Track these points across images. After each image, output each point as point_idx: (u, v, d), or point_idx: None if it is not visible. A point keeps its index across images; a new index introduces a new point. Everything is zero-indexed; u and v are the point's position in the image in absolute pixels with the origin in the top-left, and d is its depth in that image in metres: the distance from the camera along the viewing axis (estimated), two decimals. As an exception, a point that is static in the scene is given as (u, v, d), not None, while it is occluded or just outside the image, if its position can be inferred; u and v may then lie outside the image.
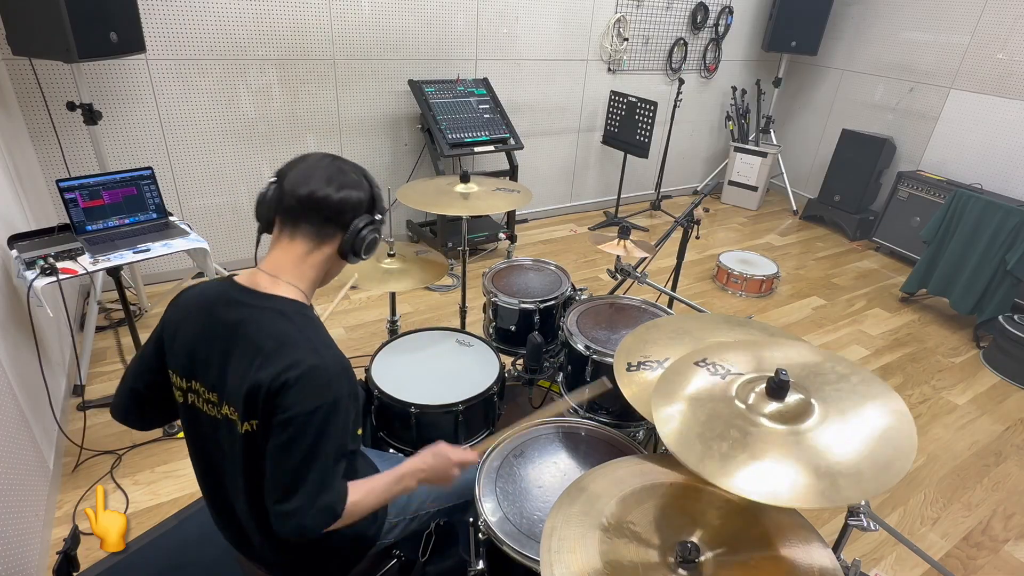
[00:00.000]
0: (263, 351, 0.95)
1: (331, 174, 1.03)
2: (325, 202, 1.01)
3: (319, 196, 1.00)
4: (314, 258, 1.04)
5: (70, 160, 2.78)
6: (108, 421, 2.27)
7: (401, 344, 1.88)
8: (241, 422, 0.97)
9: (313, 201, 1.00)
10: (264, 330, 0.97)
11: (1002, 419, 2.70)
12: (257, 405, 0.94)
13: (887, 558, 1.97)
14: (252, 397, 0.94)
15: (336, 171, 1.04)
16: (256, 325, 0.97)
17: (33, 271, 1.84)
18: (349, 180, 1.04)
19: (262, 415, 0.95)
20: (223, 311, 1.01)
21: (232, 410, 0.98)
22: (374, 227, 1.07)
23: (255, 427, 0.96)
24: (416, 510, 1.32)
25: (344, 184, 1.03)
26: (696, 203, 2.40)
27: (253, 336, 0.96)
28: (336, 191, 1.02)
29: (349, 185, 1.03)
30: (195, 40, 2.89)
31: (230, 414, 0.99)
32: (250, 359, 0.95)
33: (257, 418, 0.96)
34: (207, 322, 1.01)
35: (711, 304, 3.50)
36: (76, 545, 1.54)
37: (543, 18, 3.89)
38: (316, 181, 1.01)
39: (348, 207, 1.03)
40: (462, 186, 2.09)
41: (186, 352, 1.03)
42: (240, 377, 0.96)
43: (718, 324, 1.51)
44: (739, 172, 5.03)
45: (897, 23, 4.42)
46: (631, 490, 1.04)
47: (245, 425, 0.97)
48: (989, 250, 3.22)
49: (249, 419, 0.96)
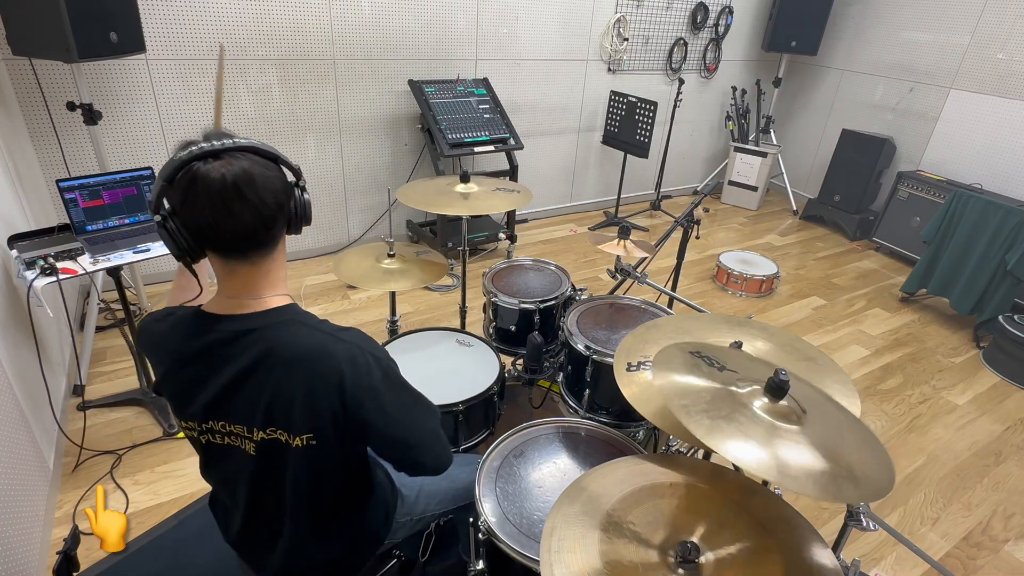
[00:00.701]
0: (297, 365, 0.93)
1: (223, 211, 0.85)
2: (241, 238, 0.89)
3: (237, 233, 0.88)
4: (279, 257, 0.98)
5: (70, 160, 2.78)
6: (108, 421, 2.27)
7: (401, 344, 1.88)
8: (294, 438, 0.96)
9: (233, 241, 0.89)
10: (294, 346, 0.94)
11: (1002, 419, 2.70)
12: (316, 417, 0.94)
13: (887, 558, 1.97)
14: (307, 412, 0.94)
15: (224, 205, 0.85)
16: (280, 345, 0.94)
17: (33, 271, 1.84)
18: (245, 203, 0.86)
19: (326, 422, 0.95)
20: (226, 351, 0.95)
21: (276, 431, 0.97)
22: (299, 193, 0.96)
23: (307, 441, 0.96)
24: (423, 511, 1.33)
25: (256, 193, 0.87)
26: (696, 203, 2.40)
27: (285, 356, 0.93)
28: (256, 212, 0.88)
29: (261, 189, 0.88)
30: (195, 40, 2.90)
31: (269, 435, 0.97)
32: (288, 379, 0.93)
33: (314, 431, 0.96)
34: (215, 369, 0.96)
35: (711, 304, 3.50)
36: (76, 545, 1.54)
37: (543, 18, 3.89)
38: (216, 224, 0.86)
39: (273, 207, 0.90)
40: (462, 186, 2.09)
41: (202, 404, 0.98)
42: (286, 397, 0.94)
43: (718, 324, 1.51)
44: (739, 172, 5.03)
45: (897, 23, 4.42)
46: (631, 490, 1.04)
47: (297, 440, 0.96)
48: (989, 250, 3.22)
49: (303, 434, 0.96)
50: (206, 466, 1.11)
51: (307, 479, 1.02)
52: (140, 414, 2.32)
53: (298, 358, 0.93)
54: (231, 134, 0.90)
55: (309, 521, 1.08)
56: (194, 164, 0.85)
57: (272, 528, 1.09)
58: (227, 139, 0.88)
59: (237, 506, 1.10)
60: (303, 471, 1.01)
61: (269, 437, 0.97)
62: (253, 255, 0.93)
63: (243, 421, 0.98)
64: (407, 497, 1.30)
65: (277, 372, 0.93)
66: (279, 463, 1.00)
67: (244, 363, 0.94)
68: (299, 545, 1.10)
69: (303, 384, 0.93)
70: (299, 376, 0.93)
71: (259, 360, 0.94)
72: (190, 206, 0.86)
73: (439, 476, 1.12)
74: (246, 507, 1.09)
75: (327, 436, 0.97)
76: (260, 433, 0.97)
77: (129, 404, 2.34)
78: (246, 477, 1.04)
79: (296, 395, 0.93)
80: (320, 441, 0.97)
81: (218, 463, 1.07)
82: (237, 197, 0.85)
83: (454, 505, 1.37)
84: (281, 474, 1.01)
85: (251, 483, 1.05)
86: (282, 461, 1.00)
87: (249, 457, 1.00)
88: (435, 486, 1.35)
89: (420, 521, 1.34)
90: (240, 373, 0.95)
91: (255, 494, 1.07)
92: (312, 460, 0.99)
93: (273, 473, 1.02)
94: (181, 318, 0.99)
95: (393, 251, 1.98)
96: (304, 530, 1.09)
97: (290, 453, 0.98)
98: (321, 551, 1.13)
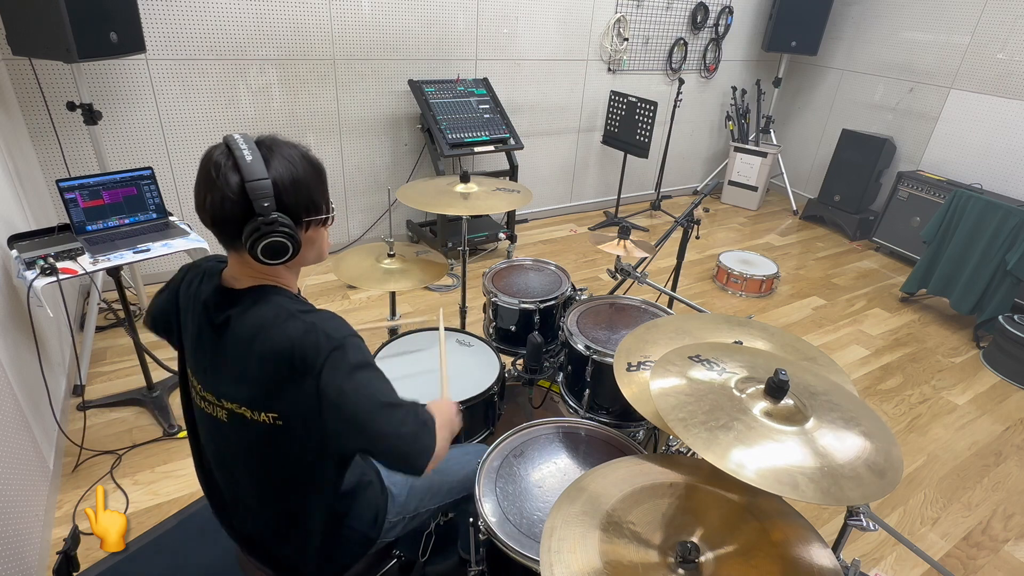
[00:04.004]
0: (255, 339, 0.95)
1: (202, 184, 0.93)
2: (208, 218, 0.94)
3: (205, 213, 0.94)
4: (254, 264, 0.98)
5: (70, 160, 2.78)
6: (108, 421, 2.27)
7: (401, 344, 1.88)
8: (255, 413, 0.98)
9: (204, 217, 0.94)
10: (248, 323, 0.97)
11: (1002, 419, 2.70)
12: (276, 394, 0.96)
13: (887, 558, 1.97)
14: (266, 388, 0.96)
15: (205, 178, 0.92)
16: (240, 321, 0.98)
17: (33, 271, 1.84)
18: (215, 187, 0.91)
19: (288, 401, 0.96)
20: (212, 313, 1.01)
21: (239, 406, 1.00)
22: (259, 232, 0.92)
23: (273, 420, 0.98)
24: (416, 508, 1.31)
25: (211, 194, 0.91)
26: (696, 203, 2.40)
27: (240, 333, 0.97)
28: (206, 205, 0.92)
29: (215, 194, 0.91)
30: (195, 40, 2.89)
31: (237, 409, 1.00)
32: (246, 352, 0.96)
33: (277, 409, 0.97)
34: (199, 323, 1.03)
35: (711, 304, 3.50)
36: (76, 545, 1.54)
37: (543, 18, 3.89)
38: (198, 194, 0.93)
39: (221, 219, 0.93)
40: (462, 186, 2.09)
41: (190, 349, 1.06)
42: (244, 371, 0.97)
43: (718, 324, 1.52)
44: (739, 172, 5.03)
45: (897, 23, 4.42)
46: (631, 490, 1.04)
47: (262, 416, 0.98)
48: (989, 250, 3.22)
49: (263, 411, 0.98)
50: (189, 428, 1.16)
51: (271, 461, 1.03)
52: (140, 414, 2.32)
53: (253, 333, 0.96)
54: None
55: (278, 503, 1.08)
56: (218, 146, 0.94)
57: (247, 504, 1.11)
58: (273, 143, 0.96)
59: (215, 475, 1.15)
60: (267, 452, 1.02)
61: (237, 411, 1.00)
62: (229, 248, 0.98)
63: (212, 389, 1.02)
64: (397, 496, 1.28)
65: (239, 347, 0.97)
66: (245, 437, 1.02)
67: (211, 333, 1.00)
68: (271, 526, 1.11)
69: (257, 359, 0.95)
70: (254, 351, 0.95)
71: (223, 333, 0.99)
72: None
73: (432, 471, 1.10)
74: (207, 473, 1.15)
75: (290, 414, 0.97)
76: (230, 404, 1.00)
77: (129, 404, 2.34)
78: (221, 447, 1.08)
79: (250, 370, 0.96)
80: (285, 422, 0.98)
81: (200, 426, 1.12)
82: (201, 184, 0.93)
83: (450, 499, 1.36)
84: (246, 451, 1.04)
85: (222, 454, 1.09)
86: (248, 435, 1.02)
87: (223, 425, 1.04)
88: (425, 481, 1.32)
89: (415, 518, 1.32)
90: (206, 340, 1.01)
91: (226, 465, 1.10)
92: (277, 442, 1.00)
93: (242, 448, 1.04)
94: (212, 269, 1.06)
95: (393, 251, 1.98)
96: (273, 512, 1.09)
97: (254, 429, 1.00)
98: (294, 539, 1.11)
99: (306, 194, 0.97)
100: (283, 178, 0.93)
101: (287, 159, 0.95)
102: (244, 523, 1.15)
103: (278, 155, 0.94)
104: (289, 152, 0.96)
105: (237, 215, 0.91)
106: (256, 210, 0.91)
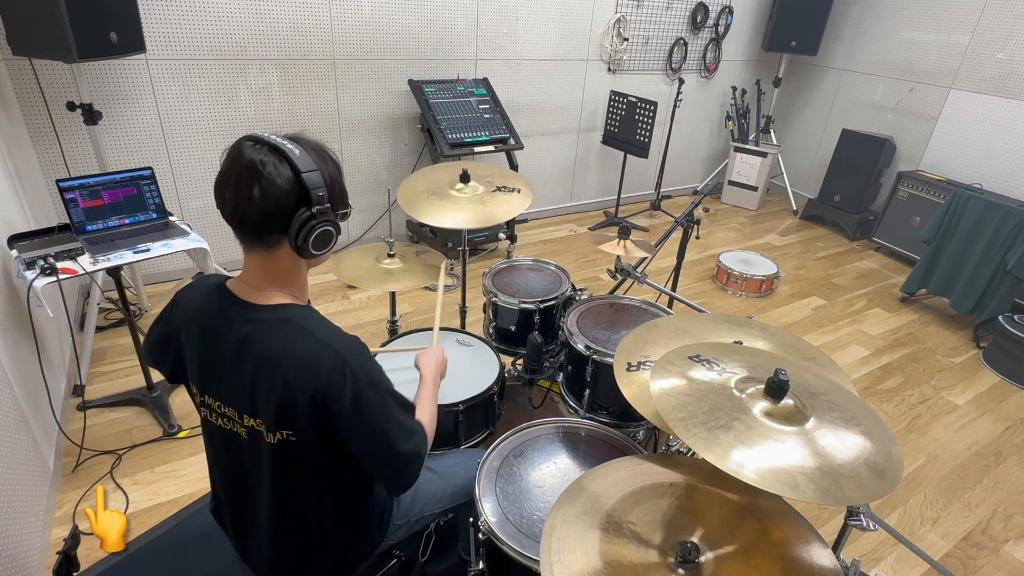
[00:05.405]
0: (281, 364, 0.95)
1: (243, 178, 0.90)
2: (246, 215, 0.92)
3: (241, 210, 0.92)
4: (276, 264, 0.99)
5: (70, 160, 2.78)
6: (108, 421, 2.27)
7: (401, 344, 1.88)
8: (270, 432, 0.99)
9: (237, 216, 0.93)
10: (272, 343, 0.96)
11: (1002, 419, 2.69)
12: (293, 416, 0.96)
13: (887, 558, 1.97)
14: (285, 409, 0.96)
15: (249, 172, 0.90)
16: (262, 340, 0.97)
17: (33, 271, 1.84)
18: (264, 180, 0.90)
19: (304, 423, 0.97)
20: (225, 328, 0.99)
21: (259, 422, 0.99)
22: (315, 221, 0.94)
23: (286, 436, 0.98)
24: (420, 512, 1.32)
25: (260, 186, 0.90)
26: (696, 203, 2.40)
27: (263, 351, 0.96)
28: (250, 199, 0.90)
29: (265, 186, 0.90)
30: (195, 40, 2.89)
31: (256, 426, 1.00)
32: (270, 374, 0.96)
33: (293, 428, 0.97)
34: (211, 340, 1.01)
35: (711, 304, 3.50)
36: (76, 545, 1.54)
37: (543, 18, 3.89)
38: (231, 191, 0.91)
39: (272, 211, 0.92)
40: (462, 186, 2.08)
41: (196, 368, 1.04)
42: (265, 391, 0.96)
43: (718, 324, 1.51)
44: (739, 172, 5.03)
45: (897, 23, 4.42)
46: (631, 490, 1.04)
47: (277, 435, 0.98)
48: (989, 250, 3.22)
49: (280, 429, 0.98)
50: (208, 444, 1.14)
51: (287, 473, 1.03)
52: (140, 414, 2.32)
53: (278, 357, 0.95)
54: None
55: (295, 519, 1.09)
56: (247, 141, 0.94)
57: (258, 520, 1.10)
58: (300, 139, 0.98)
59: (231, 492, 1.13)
60: (283, 465, 1.02)
61: (257, 428, 1.00)
62: (247, 240, 0.96)
63: (235, 404, 1.01)
64: (403, 500, 1.30)
65: (260, 366, 0.96)
66: (261, 453, 1.02)
67: (229, 348, 0.98)
68: (285, 542, 1.11)
69: (281, 382, 0.95)
70: (279, 374, 0.95)
71: (243, 350, 0.97)
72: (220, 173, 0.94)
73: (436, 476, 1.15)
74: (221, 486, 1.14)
75: (306, 434, 0.98)
76: (250, 420, 1.00)
77: (129, 404, 2.34)
78: (238, 462, 1.07)
79: (273, 392, 0.95)
80: (299, 438, 0.98)
81: (213, 443, 1.11)
82: (234, 176, 0.91)
83: (453, 503, 1.37)
84: (262, 464, 1.03)
85: (240, 469, 1.07)
86: (263, 452, 1.02)
87: (241, 441, 1.03)
88: (431, 486, 1.34)
89: (419, 522, 1.33)
90: (224, 356, 0.99)
91: (242, 480, 1.09)
92: (292, 455, 1.00)
93: (258, 462, 1.04)
94: (211, 285, 1.05)
95: (393, 251, 1.98)
96: (290, 528, 1.09)
97: (269, 446, 1.00)
98: (312, 552, 1.12)
99: (339, 187, 1.02)
100: (327, 171, 0.97)
101: (318, 153, 0.98)
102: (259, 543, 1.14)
103: (310, 149, 0.97)
104: (319, 147, 0.99)
105: (290, 207, 0.92)
106: (313, 200, 0.93)
